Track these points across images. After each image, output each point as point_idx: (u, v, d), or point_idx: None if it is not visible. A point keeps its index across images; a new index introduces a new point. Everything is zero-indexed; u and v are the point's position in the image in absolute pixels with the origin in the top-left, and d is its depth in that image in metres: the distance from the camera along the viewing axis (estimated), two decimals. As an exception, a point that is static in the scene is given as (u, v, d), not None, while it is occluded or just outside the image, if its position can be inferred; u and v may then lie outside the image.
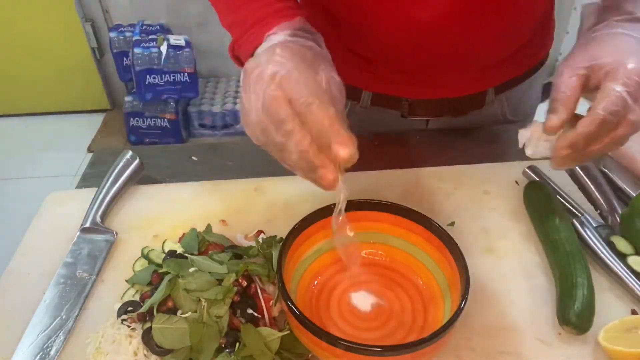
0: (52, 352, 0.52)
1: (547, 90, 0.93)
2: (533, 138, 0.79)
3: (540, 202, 0.66)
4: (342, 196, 0.48)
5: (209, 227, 0.63)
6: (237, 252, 0.57)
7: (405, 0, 0.64)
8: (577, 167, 0.75)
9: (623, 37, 0.53)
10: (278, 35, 0.53)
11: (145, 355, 0.50)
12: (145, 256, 0.60)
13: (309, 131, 0.44)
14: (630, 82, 0.48)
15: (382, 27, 0.69)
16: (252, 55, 0.54)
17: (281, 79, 0.45)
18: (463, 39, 0.68)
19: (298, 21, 0.55)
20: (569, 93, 0.50)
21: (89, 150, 2.55)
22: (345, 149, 0.43)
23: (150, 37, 2.32)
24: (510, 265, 0.61)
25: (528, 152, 0.79)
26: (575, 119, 0.51)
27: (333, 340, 0.43)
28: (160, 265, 0.57)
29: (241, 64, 0.56)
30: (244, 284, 0.52)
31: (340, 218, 0.51)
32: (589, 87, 0.51)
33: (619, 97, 0.47)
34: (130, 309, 0.53)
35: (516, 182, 0.73)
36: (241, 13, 0.58)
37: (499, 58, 0.77)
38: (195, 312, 0.50)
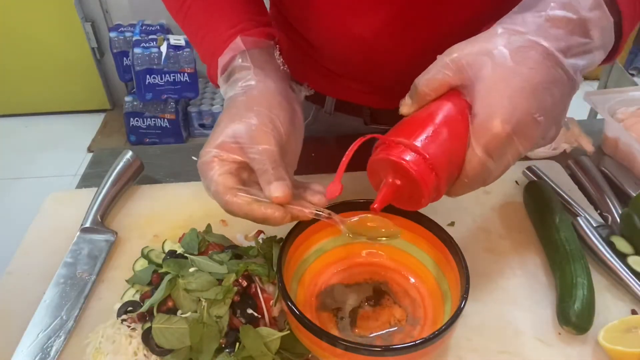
0: (52, 352, 0.52)
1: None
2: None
3: (540, 202, 0.66)
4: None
5: (209, 227, 0.63)
6: (237, 252, 0.57)
7: (347, 17, 0.64)
8: (577, 167, 0.75)
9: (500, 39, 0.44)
10: (223, 85, 0.55)
11: (145, 355, 0.50)
12: (145, 256, 0.60)
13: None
14: (491, 143, 0.43)
15: (332, 43, 0.70)
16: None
17: (212, 181, 0.48)
18: (406, 53, 0.67)
19: (235, 47, 0.54)
20: (432, 95, 0.46)
21: (89, 150, 2.55)
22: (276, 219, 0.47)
23: (150, 37, 2.32)
24: (510, 266, 0.61)
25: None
26: None
27: (333, 340, 0.43)
28: (160, 265, 0.57)
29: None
30: (244, 284, 0.52)
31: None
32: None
33: (481, 163, 0.44)
34: (130, 309, 0.53)
35: (516, 182, 0.73)
36: (202, 47, 0.59)
37: None
38: (195, 312, 0.50)
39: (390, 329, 0.52)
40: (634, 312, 0.55)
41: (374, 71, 0.72)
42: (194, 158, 0.81)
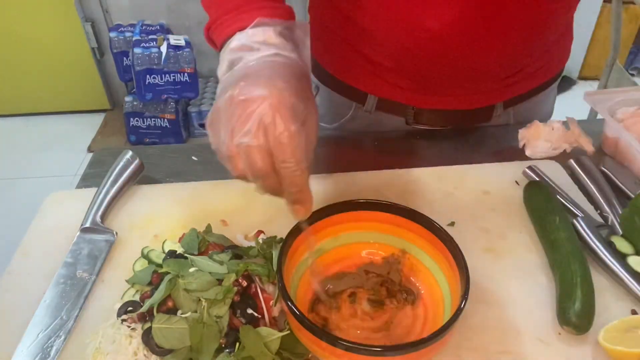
0: (52, 352, 0.52)
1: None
2: (532, 138, 0.79)
3: (540, 202, 0.66)
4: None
5: (209, 227, 0.63)
6: (237, 252, 0.57)
7: (416, 8, 0.64)
8: (577, 167, 0.75)
9: None
10: (257, 31, 0.51)
11: (145, 355, 0.50)
12: (145, 256, 0.60)
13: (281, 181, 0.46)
14: None
15: (392, 33, 0.69)
16: (224, 42, 0.54)
17: (265, 127, 0.44)
18: (472, 51, 0.67)
19: (278, 22, 0.53)
20: None
21: (89, 150, 2.55)
22: (303, 212, 0.48)
23: (150, 37, 2.32)
24: (510, 265, 0.61)
25: (528, 152, 0.79)
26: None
27: (333, 340, 0.43)
28: (160, 265, 0.57)
29: (215, 46, 0.56)
30: (244, 284, 0.52)
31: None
32: None
33: None
34: (130, 309, 0.53)
35: (516, 182, 0.73)
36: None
37: (510, 72, 0.76)
38: (195, 312, 0.50)
39: (390, 329, 0.52)
40: (634, 312, 0.55)
41: (434, 67, 0.72)
42: (194, 158, 0.81)
